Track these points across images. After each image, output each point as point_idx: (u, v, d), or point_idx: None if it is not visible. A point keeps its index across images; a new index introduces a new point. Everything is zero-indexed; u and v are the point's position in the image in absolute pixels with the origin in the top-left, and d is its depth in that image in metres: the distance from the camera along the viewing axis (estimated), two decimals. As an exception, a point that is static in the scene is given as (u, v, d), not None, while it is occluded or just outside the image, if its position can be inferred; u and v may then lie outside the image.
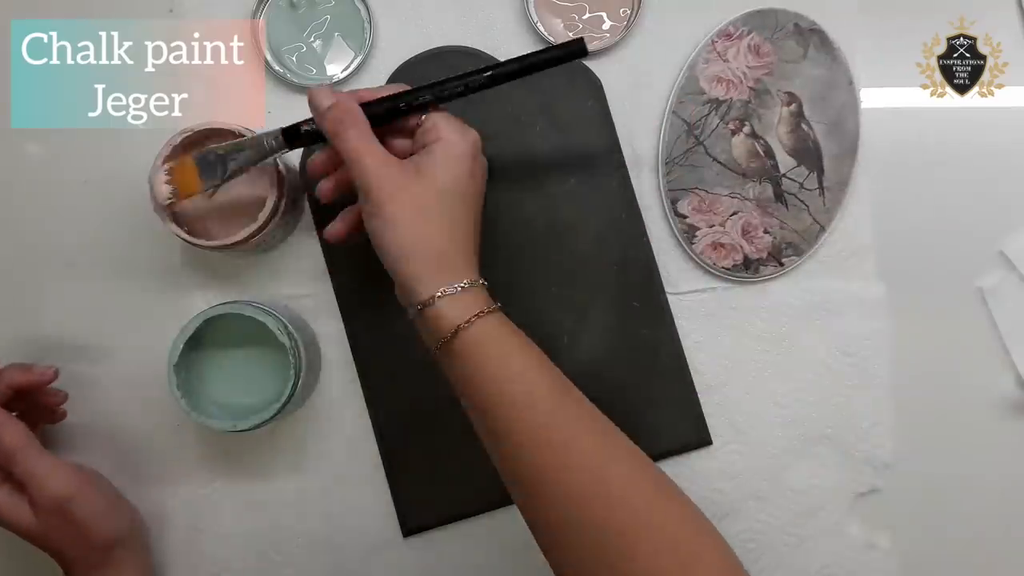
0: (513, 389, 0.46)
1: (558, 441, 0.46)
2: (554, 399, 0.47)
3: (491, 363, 0.47)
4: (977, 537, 0.63)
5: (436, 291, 0.47)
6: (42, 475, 0.53)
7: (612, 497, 0.44)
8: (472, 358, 0.47)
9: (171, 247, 0.61)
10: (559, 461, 0.45)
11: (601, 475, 0.45)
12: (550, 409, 0.46)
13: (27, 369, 0.56)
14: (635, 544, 0.43)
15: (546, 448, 0.45)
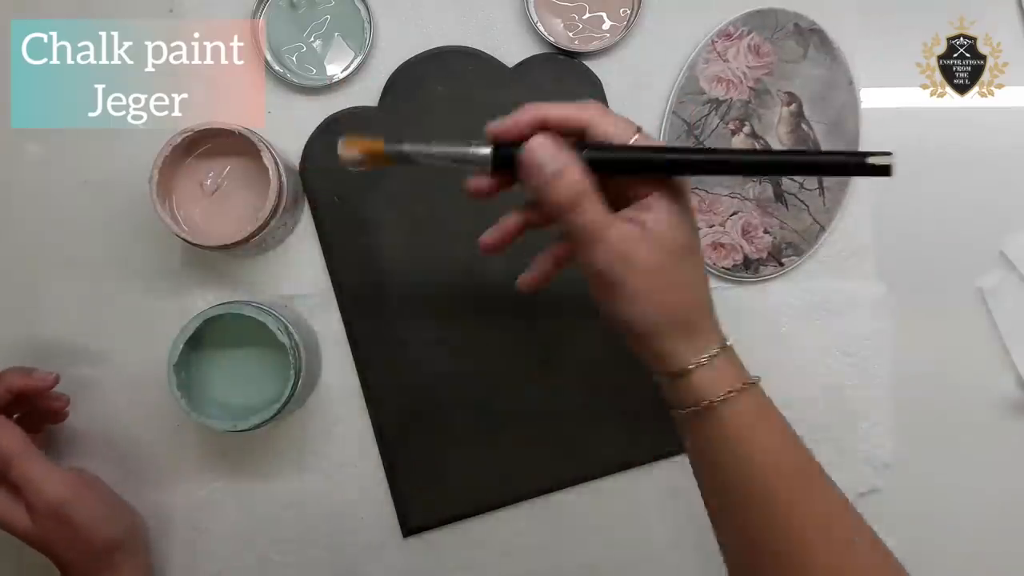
0: (763, 475, 0.43)
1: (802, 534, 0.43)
2: (803, 489, 0.44)
3: (742, 444, 0.43)
4: (977, 537, 0.63)
5: (689, 363, 0.43)
6: (38, 480, 0.52)
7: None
8: (719, 437, 0.43)
9: (171, 247, 0.61)
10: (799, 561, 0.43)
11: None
12: (798, 499, 0.43)
13: (28, 374, 0.56)
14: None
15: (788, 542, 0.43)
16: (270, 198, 0.55)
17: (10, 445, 0.53)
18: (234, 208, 0.58)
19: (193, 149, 0.58)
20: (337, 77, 0.61)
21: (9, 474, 0.52)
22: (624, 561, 0.62)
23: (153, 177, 0.55)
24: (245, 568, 0.61)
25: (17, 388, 0.55)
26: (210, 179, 0.58)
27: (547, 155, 0.43)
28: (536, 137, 0.43)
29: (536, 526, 0.62)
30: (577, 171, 0.42)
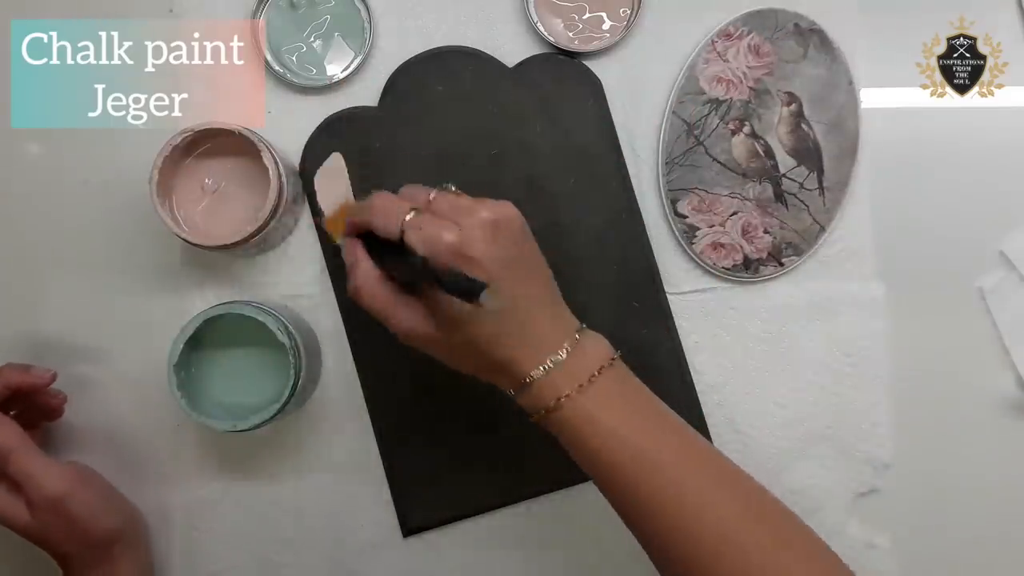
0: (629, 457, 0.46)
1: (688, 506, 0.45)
2: (681, 466, 0.46)
3: (599, 437, 0.46)
4: (977, 537, 0.63)
5: (527, 375, 0.46)
6: (36, 474, 0.53)
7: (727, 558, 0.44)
8: (577, 432, 0.46)
9: (171, 247, 0.61)
10: (690, 534, 0.44)
11: (739, 557, 0.44)
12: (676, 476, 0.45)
13: (25, 370, 0.56)
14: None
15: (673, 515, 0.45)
16: (270, 198, 0.55)
17: (8, 440, 0.53)
18: (234, 208, 0.58)
19: (193, 149, 0.58)
20: (337, 77, 0.61)
21: (7, 469, 0.53)
22: (624, 561, 0.62)
23: (153, 177, 0.55)
24: (245, 568, 0.61)
25: (14, 384, 0.55)
26: (210, 181, 0.58)
27: (346, 255, 0.49)
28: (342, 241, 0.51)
29: (536, 526, 0.62)
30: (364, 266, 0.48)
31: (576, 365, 0.46)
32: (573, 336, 0.47)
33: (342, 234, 0.51)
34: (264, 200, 0.55)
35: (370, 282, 0.48)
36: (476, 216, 0.46)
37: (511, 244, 0.47)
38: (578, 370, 0.46)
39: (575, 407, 0.46)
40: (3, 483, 0.54)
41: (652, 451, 0.46)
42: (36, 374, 0.56)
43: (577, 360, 0.47)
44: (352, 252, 0.49)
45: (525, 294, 0.47)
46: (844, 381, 0.63)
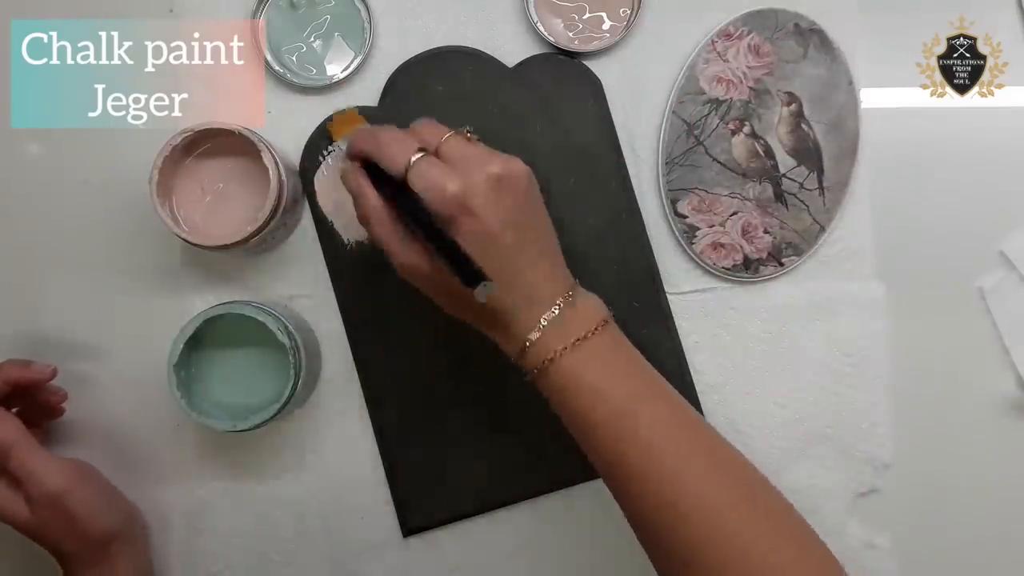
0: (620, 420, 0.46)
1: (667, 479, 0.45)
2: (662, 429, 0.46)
3: (584, 396, 0.46)
4: (977, 537, 0.63)
5: (527, 337, 0.46)
6: (36, 470, 0.53)
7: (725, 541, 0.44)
8: (564, 391, 0.47)
9: (171, 247, 0.61)
10: (666, 499, 0.45)
11: (714, 521, 0.44)
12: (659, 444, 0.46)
13: (26, 365, 0.56)
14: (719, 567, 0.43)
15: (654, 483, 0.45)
16: (270, 198, 0.55)
17: (9, 435, 0.53)
18: (234, 208, 0.58)
19: (193, 149, 0.58)
20: (337, 77, 0.61)
21: (8, 464, 0.53)
22: (625, 561, 0.62)
23: (153, 177, 0.55)
24: (245, 568, 0.61)
25: (15, 379, 0.55)
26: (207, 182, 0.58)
27: (351, 183, 0.50)
28: (344, 166, 0.50)
29: (536, 526, 0.62)
30: (371, 198, 0.48)
31: (568, 323, 0.47)
32: (566, 293, 0.47)
33: (341, 137, 0.52)
34: (264, 200, 0.55)
35: (377, 211, 0.48)
36: (484, 169, 0.45)
37: (515, 202, 0.47)
38: (569, 329, 0.47)
39: (563, 365, 0.46)
40: (3, 479, 0.54)
41: (637, 413, 0.46)
42: (36, 369, 0.56)
43: (569, 318, 0.47)
44: (356, 181, 0.49)
45: (524, 254, 0.47)
46: (844, 381, 0.63)
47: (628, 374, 0.48)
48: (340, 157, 0.60)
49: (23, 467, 0.53)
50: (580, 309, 0.48)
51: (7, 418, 0.54)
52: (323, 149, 0.61)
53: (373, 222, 0.48)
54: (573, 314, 0.47)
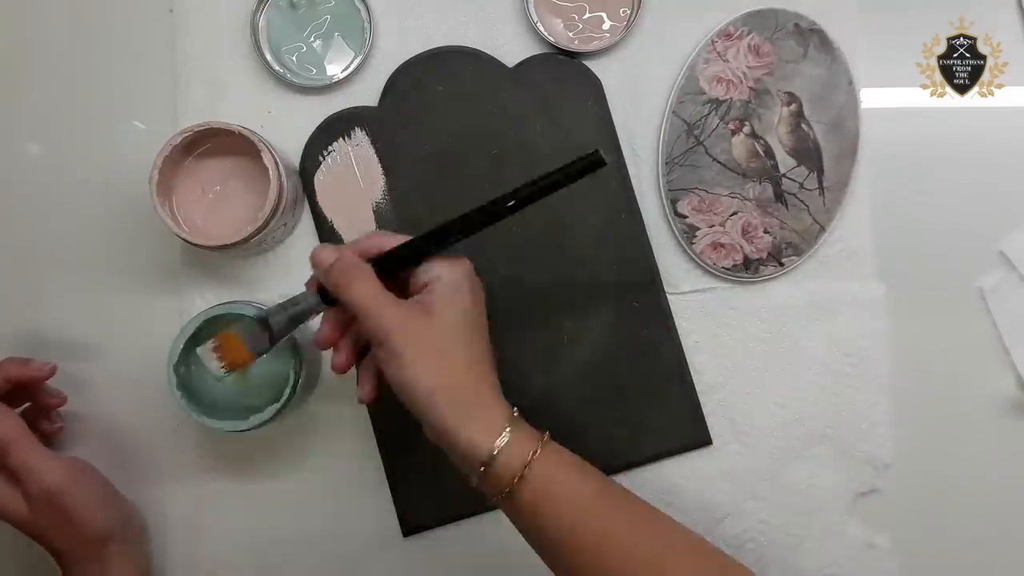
0: (585, 531, 0.45)
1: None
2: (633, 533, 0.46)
3: (561, 506, 0.45)
4: (977, 537, 0.63)
5: (492, 447, 0.45)
6: (36, 467, 0.53)
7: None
8: (537, 505, 0.45)
9: (171, 247, 0.61)
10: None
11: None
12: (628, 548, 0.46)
13: (25, 363, 0.56)
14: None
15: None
16: (270, 198, 0.55)
17: (7, 431, 0.53)
18: (234, 208, 0.58)
19: (193, 149, 0.58)
20: (337, 77, 0.61)
21: (7, 460, 0.53)
22: (624, 561, 0.62)
23: (153, 177, 0.55)
24: (245, 568, 0.61)
25: (14, 377, 0.55)
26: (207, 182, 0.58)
27: (324, 254, 0.48)
28: (317, 253, 0.49)
29: (536, 526, 0.62)
30: (346, 259, 0.48)
31: (525, 437, 0.46)
32: (512, 412, 0.47)
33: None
34: (264, 200, 0.55)
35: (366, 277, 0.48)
36: None
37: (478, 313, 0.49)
38: (527, 442, 0.46)
39: (535, 474, 0.45)
40: (2, 475, 0.54)
41: (607, 510, 0.46)
42: (35, 367, 0.56)
43: (523, 432, 0.46)
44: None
45: (477, 352, 0.48)
46: (844, 381, 0.63)
47: (585, 473, 0.47)
48: None
49: (22, 463, 0.53)
50: (522, 426, 0.47)
51: (7, 414, 0.54)
52: (323, 149, 0.61)
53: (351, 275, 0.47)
54: (519, 429, 0.46)
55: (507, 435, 0.45)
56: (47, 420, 0.59)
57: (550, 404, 0.61)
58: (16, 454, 0.53)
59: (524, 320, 0.62)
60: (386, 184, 0.62)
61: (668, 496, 0.62)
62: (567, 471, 0.46)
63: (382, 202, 0.62)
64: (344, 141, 0.61)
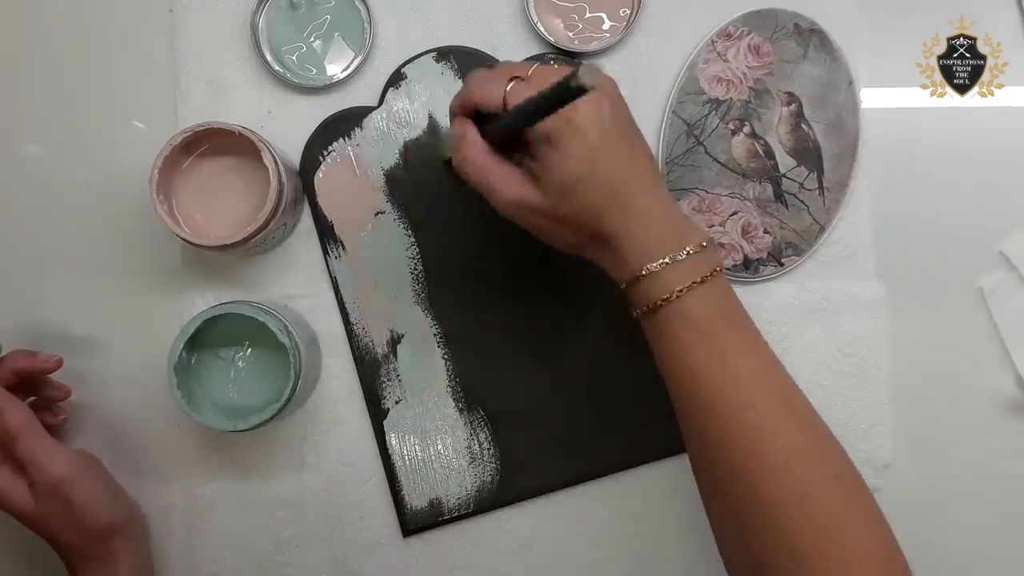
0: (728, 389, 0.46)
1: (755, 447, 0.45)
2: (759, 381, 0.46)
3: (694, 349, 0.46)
4: (977, 537, 0.63)
5: (641, 268, 0.46)
6: (43, 457, 0.53)
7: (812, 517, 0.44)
8: (674, 339, 0.46)
9: (171, 247, 0.61)
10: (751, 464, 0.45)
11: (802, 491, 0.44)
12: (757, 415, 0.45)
13: (32, 355, 0.57)
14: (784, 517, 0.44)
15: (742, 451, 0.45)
16: (270, 198, 0.55)
17: (15, 421, 0.53)
18: (234, 208, 0.58)
19: (193, 149, 0.58)
20: (337, 77, 0.61)
21: (15, 450, 0.53)
22: (626, 560, 0.62)
23: (153, 177, 0.55)
24: (245, 568, 0.61)
25: (21, 369, 0.56)
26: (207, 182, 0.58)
27: (456, 129, 0.49)
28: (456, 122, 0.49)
29: (536, 526, 0.62)
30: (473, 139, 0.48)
31: (690, 266, 0.46)
32: (699, 244, 0.46)
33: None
34: (264, 200, 0.55)
35: (476, 150, 0.47)
36: None
37: (616, 117, 0.46)
38: (689, 270, 0.46)
39: (680, 306, 0.46)
40: (8, 465, 0.54)
41: (741, 366, 0.46)
42: (42, 359, 0.57)
43: (693, 263, 0.46)
44: (461, 126, 0.49)
45: (635, 174, 0.47)
46: (844, 381, 0.63)
47: (736, 321, 0.48)
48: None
49: (30, 453, 0.53)
50: (705, 254, 0.47)
51: (16, 404, 0.54)
52: (323, 149, 0.61)
53: (474, 162, 0.47)
54: (698, 259, 0.46)
55: (676, 257, 0.45)
56: (51, 413, 0.59)
57: (550, 404, 0.61)
58: (24, 444, 0.53)
59: (525, 319, 0.62)
60: (386, 184, 0.62)
61: (668, 496, 0.62)
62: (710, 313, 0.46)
63: (382, 202, 0.62)
64: (344, 141, 0.61)
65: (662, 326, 0.47)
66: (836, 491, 0.45)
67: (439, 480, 0.61)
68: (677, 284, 0.46)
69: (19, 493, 0.53)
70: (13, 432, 0.53)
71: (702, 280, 0.46)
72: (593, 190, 0.46)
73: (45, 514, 0.53)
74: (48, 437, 0.54)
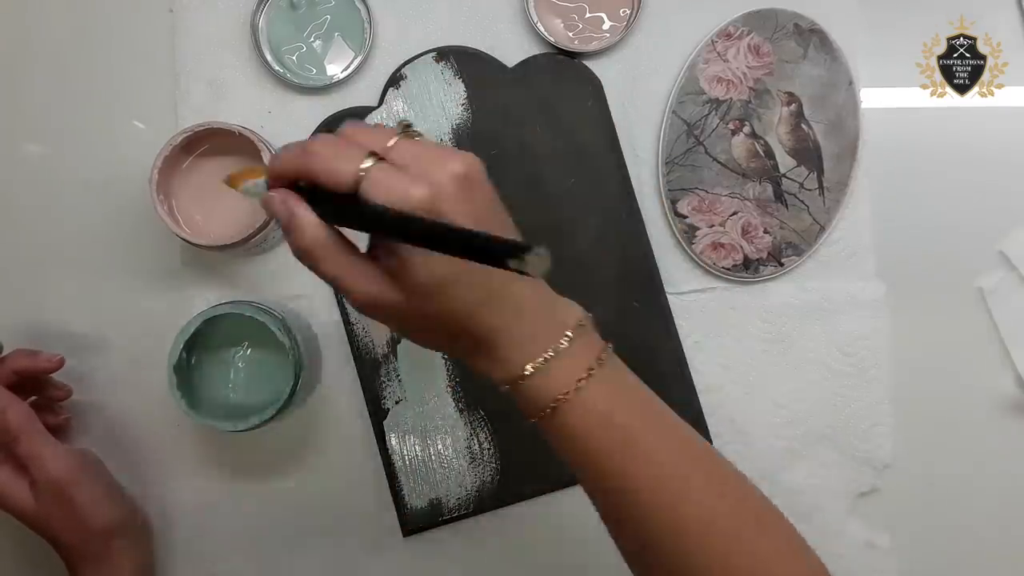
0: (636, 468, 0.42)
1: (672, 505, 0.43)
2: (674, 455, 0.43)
3: (603, 440, 0.42)
4: (977, 537, 0.63)
5: (523, 369, 0.40)
6: (45, 457, 0.53)
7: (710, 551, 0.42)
8: (577, 436, 0.41)
9: (171, 247, 0.61)
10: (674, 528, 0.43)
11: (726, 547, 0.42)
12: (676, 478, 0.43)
13: (34, 354, 0.57)
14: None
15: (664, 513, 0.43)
16: (270, 198, 0.55)
17: (17, 420, 0.53)
18: (234, 208, 0.58)
19: (193, 149, 0.58)
20: (337, 77, 0.61)
21: (17, 449, 0.53)
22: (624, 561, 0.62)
23: (153, 177, 0.55)
24: (245, 568, 0.61)
25: (23, 368, 0.56)
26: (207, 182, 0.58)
27: (279, 211, 0.40)
28: (268, 194, 0.41)
29: (536, 526, 0.62)
30: (310, 224, 0.39)
31: (578, 355, 0.41)
32: (578, 324, 0.42)
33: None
34: (264, 200, 0.55)
35: (320, 241, 0.39)
36: (446, 168, 0.38)
37: (484, 200, 0.40)
38: (580, 361, 0.41)
39: (583, 401, 0.41)
40: (9, 465, 0.54)
41: (651, 446, 0.43)
42: (44, 358, 0.57)
43: (580, 349, 0.41)
44: (287, 206, 0.39)
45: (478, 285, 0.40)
46: (844, 381, 0.63)
47: (639, 400, 0.44)
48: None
49: (32, 452, 0.53)
50: (588, 338, 0.42)
51: (18, 404, 0.54)
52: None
53: (319, 255, 0.39)
54: (583, 341, 0.41)
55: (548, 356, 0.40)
56: (52, 413, 0.59)
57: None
58: (26, 443, 0.53)
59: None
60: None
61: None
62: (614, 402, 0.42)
63: (382, 202, 0.62)
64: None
65: (567, 425, 0.41)
66: (765, 544, 0.43)
67: (439, 480, 0.61)
68: (572, 375, 0.40)
69: (20, 493, 0.53)
70: (14, 431, 0.53)
71: (598, 363, 0.41)
72: (465, 290, 0.39)
73: (46, 514, 0.53)
74: (49, 437, 0.54)
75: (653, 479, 0.43)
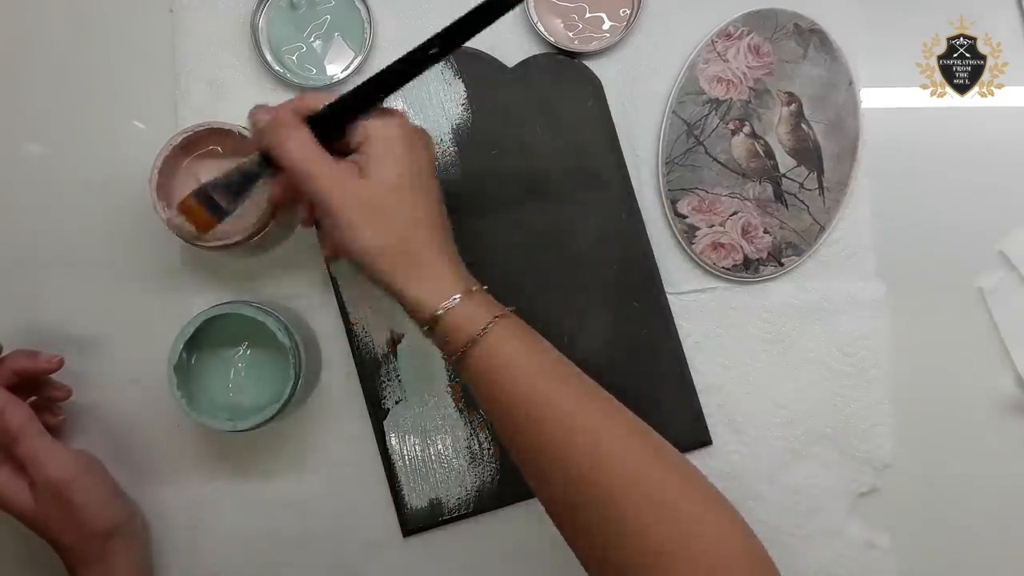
0: (534, 396, 0.46)
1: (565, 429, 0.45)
2: (569, 398, 0.46)
3: (507, 376, 0.46)
4: (977, 537, 0.63)
5: (436, 309, 0.46)
6: (44, 457, 0.53)
7: (611, 474, 0.44)
8: (488, 372, 0.46)
9: (171, 247, 0.61)
10: (561, 443, 0.45)
11: (597, 453, 0.44)
12: (568, 409, 0.46)
13: (33, 355, 0.57)
14: (634, 517, 0.43)
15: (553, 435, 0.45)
16: (270, 198, 0.55)
17: (17, 421, 0.53)
18: (234, 208, 0.58)
19: (193, 149, 0.58)
20: (337, 77, 0.61)
21: (16, 450, 0.53)
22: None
23: (153, 177, 0.55)
24: (245, 568, 0.61)
25: (23, 369, 0.56)
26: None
27: (259, 113, 0.48)
28: (254, 112, 0.49)
29: (536, 526, 0.62)
30: (280, 115, 0.47)
31: (481, 308, 0.47)
32: (470, 286, 0.47)
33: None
34: (264, 200, 0.55)
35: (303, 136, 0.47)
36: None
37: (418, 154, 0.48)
38: (483, 312, 0.47)
39: (487, 344, 0.46)
40: (9, 465, 0.54)
41: (555, 391, 0.46)
42: (43, 359, 0.57)
43: (481, 303, 0.47)
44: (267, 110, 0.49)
45: (421, 212, 0.48)
46: (844, 381, 0.63)
47: (541, 350, 0.48)
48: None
49: (31, 453, 0.53)
50: (481, 303, 0.47)
51: (18, 404, 0.54)
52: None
53: (285, 133, 0.47)
54: (483, 299, 0.47)
55: (456, 300, 0.46)
56: (51, 413, 0.59)
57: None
58: (25, 444, 0.53)
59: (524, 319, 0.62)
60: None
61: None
62: (519, 343, 0.47)
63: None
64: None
65: (478, 370, 0.46)
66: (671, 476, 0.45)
67: (439, 480, 0.61)
68: (480, 322, 0.46)
69: (19, 493, 0.53)
70: (14, 432, 0.53)
71: (503, 316, 0.47)
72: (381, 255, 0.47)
73: (45, 514, 0.53)
74: (49, 437, 0.54)
75: (559, 422, 0.45)
